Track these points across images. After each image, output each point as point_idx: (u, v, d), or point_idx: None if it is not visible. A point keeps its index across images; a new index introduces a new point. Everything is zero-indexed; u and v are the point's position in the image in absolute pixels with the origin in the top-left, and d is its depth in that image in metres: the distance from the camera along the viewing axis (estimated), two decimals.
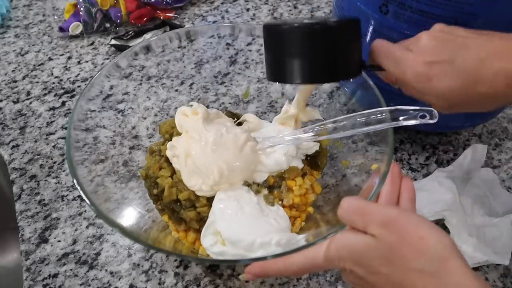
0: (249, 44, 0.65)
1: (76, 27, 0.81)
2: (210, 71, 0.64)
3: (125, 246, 0.52)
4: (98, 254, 0.51)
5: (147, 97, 0.59)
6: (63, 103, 0.70)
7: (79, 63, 0.78)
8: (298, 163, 0.51)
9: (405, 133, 0.65)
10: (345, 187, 0.50)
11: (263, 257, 0.38)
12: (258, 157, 0.49)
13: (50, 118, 0.68)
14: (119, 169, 0.51)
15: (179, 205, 0.47)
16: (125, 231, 0.41)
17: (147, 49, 0.57)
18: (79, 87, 0.73)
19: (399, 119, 0.40)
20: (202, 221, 0.46)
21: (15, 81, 0.74)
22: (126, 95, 0.57)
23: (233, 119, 0.55)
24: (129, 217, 0.47)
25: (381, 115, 0.41)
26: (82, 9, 0.80)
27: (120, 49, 0.79)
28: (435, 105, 0.38)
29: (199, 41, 0.60)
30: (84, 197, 0.40)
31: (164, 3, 0.86)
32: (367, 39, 0.52)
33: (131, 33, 0.81)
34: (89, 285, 0.49)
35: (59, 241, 0.53)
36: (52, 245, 0.52)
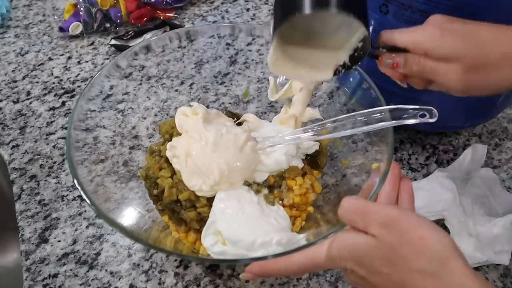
0: (249, 44, 0.65)
1: (76, 27, 0.81)
2: (210, 71, 0.64)
3: (125, 246, 0.52)
4: (98, 254, 0.51)
5: (147, 97, 0.59)
6: (63, 103, 0.70)
7: (79, 63, 0.78)
8: (298, 163, 0.51)
9: (405, 133, 0.65)
10: (345, 187, 0.50)
11: (264, 256, 0.38)
12: (258, 157, 0.49)
13: (50, 118, 0.68)
14: (119, 169, 0.51)
15: (179, 205, 0.47)
16: (126, 231, 0.41)
17: (147, 49, 0.57)
18: (79, 87, 0.73)
19: (399, 118, 0.40)
20: (202, 221, 0.46)
21: (15, 81, 0.74)
22: (126, 95, 0.57)
23: (233, 119, 0.55)
24: (129, 217, 0.47)
25: (381, 114, 0.41)
26: (82, 9, 0.80)
27: (120, 49, 0.79)
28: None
29: (199, 41, 0.60)
30: (84, 197, 0.40)
31: (164, 3, 0.86)
32: None
33: (131, 33, 0.81)
34: (89, 285, 0.49)
35: (59, 241, 0.53)
36: (52, 245, 0.52)
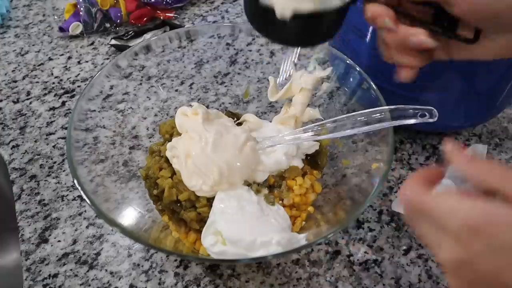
0: (249, 44, 0.65)
1: (76, 27, 0.81)
2: (210, 71, 0.64)
3: (125, 246, 0.52)
4: (98, 254, 0.51)
5: (147, 97, 0.59)
6: (63, 103, 0.70)
7: (79, 63, 0.78)
8: (298, 163, 0.51)
9: (405, 133, 0.65)
10: (345, 187, 0.50)
11: (264, 256, 0.38)
12: (258, 157, 0.49)
13: (50, 118, 0.68)
14: (119, 169, 0.51)
15: (179, 205, 0.47)
16: (126, 231, 0.41)
17: (147, 49, 0.57)
18: (79, 87, 0.73)
19: (399, 118, 0.40)
20: (202, 221, 0.46)
21: (15, 81, 0.74)
22: (126, 95, 0.57)
23: (233, 119, 0.55)
24: (129, 217, 0.47)
25: (381, 114, 0.41)
26: (82, 9, 0.80)
27: (120, 49, 0.79)
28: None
29: (199, 41, 0.60)
30: (84, 197, 0.40)
31: (164, 3, 0.86)
32: (367, 40, 0.52)
33: (131, 33, 0.81)
34: (89, 285, 0.49)
35: (59, 241, 0.53)
36: (52, 245, 0.52)
